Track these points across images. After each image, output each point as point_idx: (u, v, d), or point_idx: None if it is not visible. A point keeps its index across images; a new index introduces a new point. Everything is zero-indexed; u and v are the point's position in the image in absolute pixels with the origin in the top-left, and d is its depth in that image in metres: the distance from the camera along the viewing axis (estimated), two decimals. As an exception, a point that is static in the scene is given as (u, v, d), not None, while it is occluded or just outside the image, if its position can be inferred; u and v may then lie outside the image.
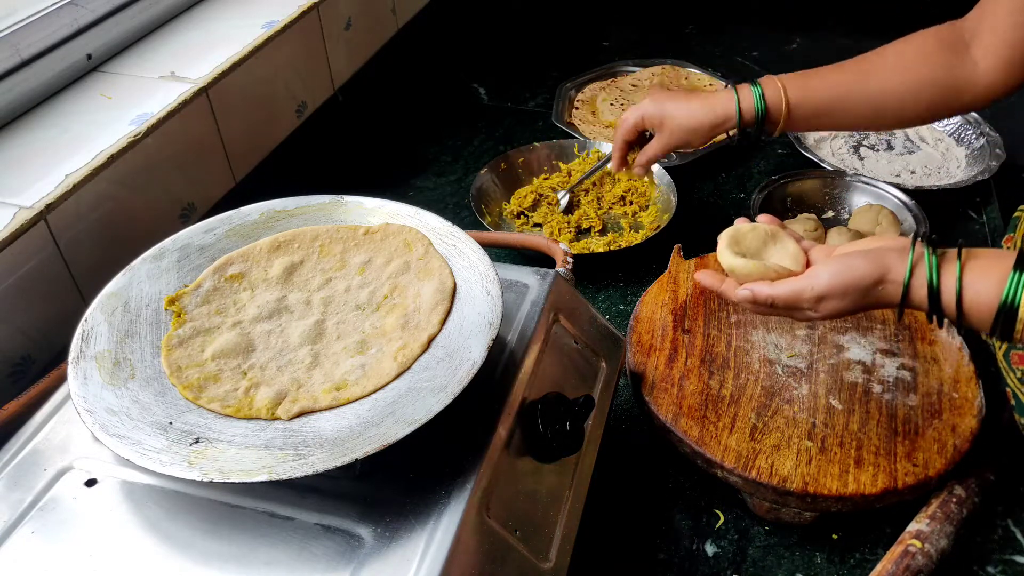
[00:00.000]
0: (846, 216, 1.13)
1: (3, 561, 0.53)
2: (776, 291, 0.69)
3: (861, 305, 0.68)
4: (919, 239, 0.66)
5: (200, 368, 0.61)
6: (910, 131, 1.29)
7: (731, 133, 0.95)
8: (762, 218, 0.76)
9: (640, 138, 1.02)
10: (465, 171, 1.26)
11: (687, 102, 0.96)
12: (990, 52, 0.83)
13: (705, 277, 0.75)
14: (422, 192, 1.23)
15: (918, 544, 0.68)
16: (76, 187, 0.82)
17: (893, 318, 0.87)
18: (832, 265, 0.67)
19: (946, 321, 0.87)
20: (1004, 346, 0.82)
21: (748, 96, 0.92)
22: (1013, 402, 0.79)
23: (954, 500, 0.72)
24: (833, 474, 0.72)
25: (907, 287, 0.65)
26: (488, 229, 1.07)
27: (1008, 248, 0.88)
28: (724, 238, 0.73)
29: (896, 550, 0.69)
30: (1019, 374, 0.79)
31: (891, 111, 0.89)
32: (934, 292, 0.64)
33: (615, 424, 0.85)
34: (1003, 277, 0.62)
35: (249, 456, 0.53)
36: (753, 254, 0.72)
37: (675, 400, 0.79)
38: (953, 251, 0.65)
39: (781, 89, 0.90)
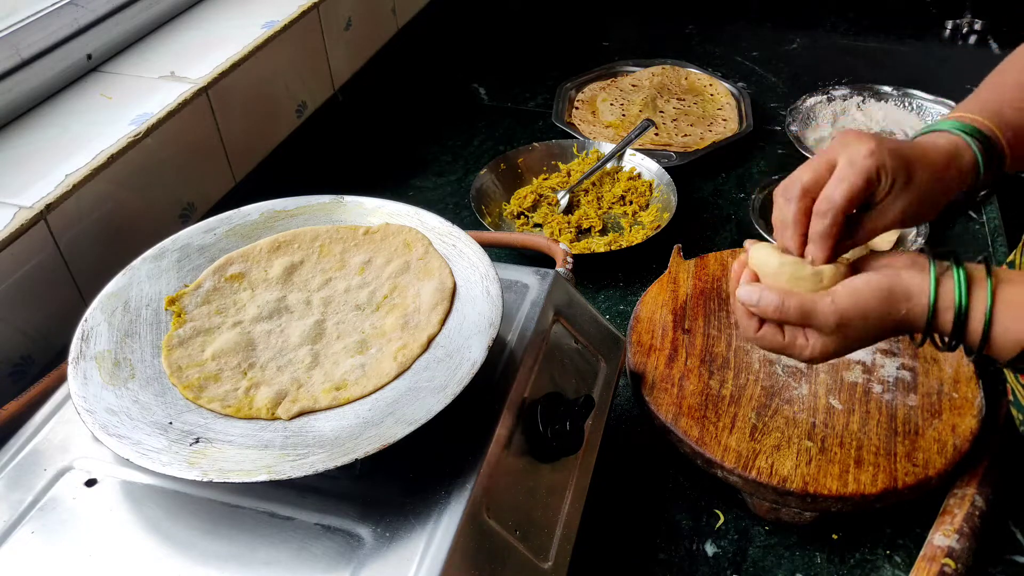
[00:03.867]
0: (846, 216, 1.13)
1: (3, 561, 0.53)
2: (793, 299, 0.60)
3: (880, 323, 0.59)
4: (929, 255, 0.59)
5: (200, 368, 0.61)
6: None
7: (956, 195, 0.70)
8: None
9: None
10: (465, 171, 1.26)
11: (910, 140, 0.67)
12: None
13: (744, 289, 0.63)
14: (422, 192, 1.23)
15: (952, 564, 0.67)
16: (76, 187, 0.82)
17: (893, 318, 0.87)
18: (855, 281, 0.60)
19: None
20: None
21: (959, 137, 0.67)
22: (1011, 397, 0.79)
23: (978, 514, 0.71)
24: (833, 474, 0.72)
25: (933, 308, 0.56)
26: (488, 229, 1.07)
27: (1012, 259, 0.87)
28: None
29: (932, 569, 0.67)
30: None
31: None
32: (961, 317, 0.56)
33: (615, 424, 0.85)
34: None
35: (249, 456, 0.53)
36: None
37: (675, 400, 0.79)
38: (981, 270, 0.57)
39: (974, 119, 0.68)
